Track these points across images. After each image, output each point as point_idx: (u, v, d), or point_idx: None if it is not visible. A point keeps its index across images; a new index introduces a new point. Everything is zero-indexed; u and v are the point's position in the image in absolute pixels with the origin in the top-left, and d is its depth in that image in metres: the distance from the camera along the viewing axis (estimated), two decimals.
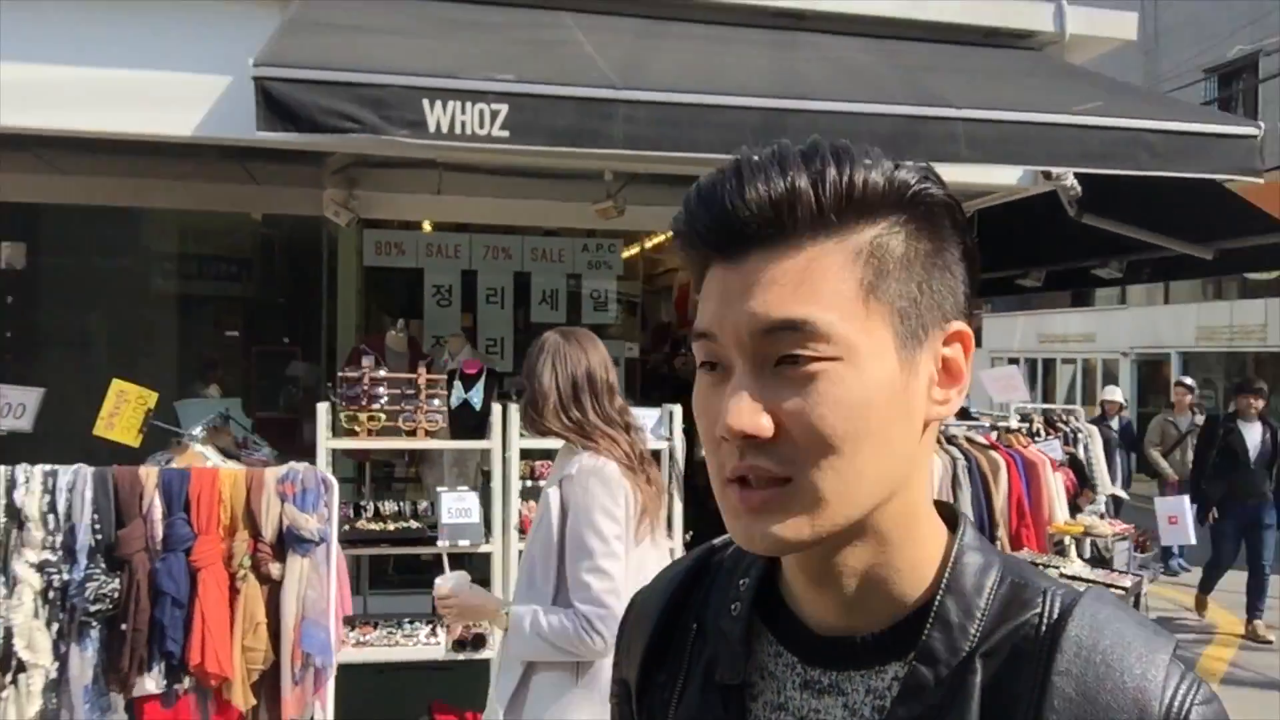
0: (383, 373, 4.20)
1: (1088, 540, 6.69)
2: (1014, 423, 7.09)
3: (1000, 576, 0.79)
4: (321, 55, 3.84)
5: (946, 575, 0.78)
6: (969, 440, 6.78)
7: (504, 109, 3.79)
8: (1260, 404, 8.00)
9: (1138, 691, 0.71)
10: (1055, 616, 0.75)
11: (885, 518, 0.77)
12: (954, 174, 4.46)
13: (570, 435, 2.70)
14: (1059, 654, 0.73)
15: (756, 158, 0.74)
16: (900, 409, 0.74)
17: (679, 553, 3.46)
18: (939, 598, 0.77)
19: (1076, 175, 4.81)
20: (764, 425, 0.72)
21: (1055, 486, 6.74)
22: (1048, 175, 4.89)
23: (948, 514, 0.84)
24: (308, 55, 3.81)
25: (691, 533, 4.43)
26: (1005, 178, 5.07)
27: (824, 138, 0.76)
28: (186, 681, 3.42)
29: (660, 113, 3.90)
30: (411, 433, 4.15)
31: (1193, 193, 5.49)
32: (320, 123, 3.68)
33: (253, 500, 3.45)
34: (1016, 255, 8.75)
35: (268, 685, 3.45)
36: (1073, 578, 5.76)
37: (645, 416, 4.40)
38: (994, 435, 6.80)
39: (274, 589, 3.45)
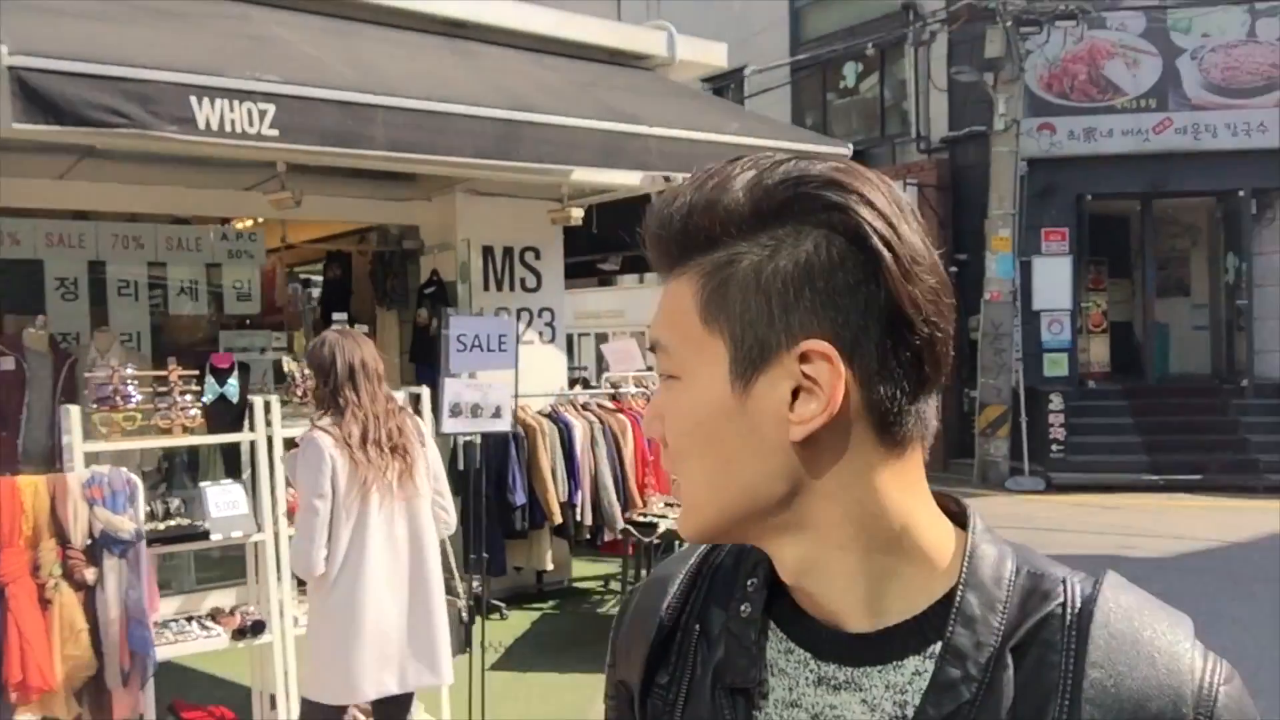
0: (130, 370, 4.10)
1: None
2: (631, 389, 8.21)
3: (1016, 567, 0.78)
4: (76, 45, 3.70)
5: (964, 569, 0.77)
6: (600, 406, 7.79)
7: (271, 109, 3.95)
8: None
9: (1169, 675, 0.72)
10: (1079, 606, 0.75)
11: (828, 522, 0.76)
12: (587, 175, 5.31)
13: (319, 412, 3.38)
14: (1090, 644, 0.73)
15: (663, 190, 0.84)
16: (738, 427, 0.75)
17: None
18: (960, 592, 0.76)
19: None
20: (655, 428, 0.80)
21: None
22: (668, 179, 5.93)
23: (955, 509, 0.83)
24: (63, 45, 3.66)
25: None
26: (628, 179, 6.03)
27: (741, 156, 0.78)
28: None
29: (417, 119, 4.29)
30: (168, 430, 4.11)
31: None
32: (85, 116, 3.60)
33: (58, 507, 3.34)
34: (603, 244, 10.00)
35: (90, 691, 3.38)
36: None
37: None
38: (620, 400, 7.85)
39: (89, 594, 3.38)
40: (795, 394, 0.73)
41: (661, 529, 6.15)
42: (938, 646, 0.75)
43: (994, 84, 13.16)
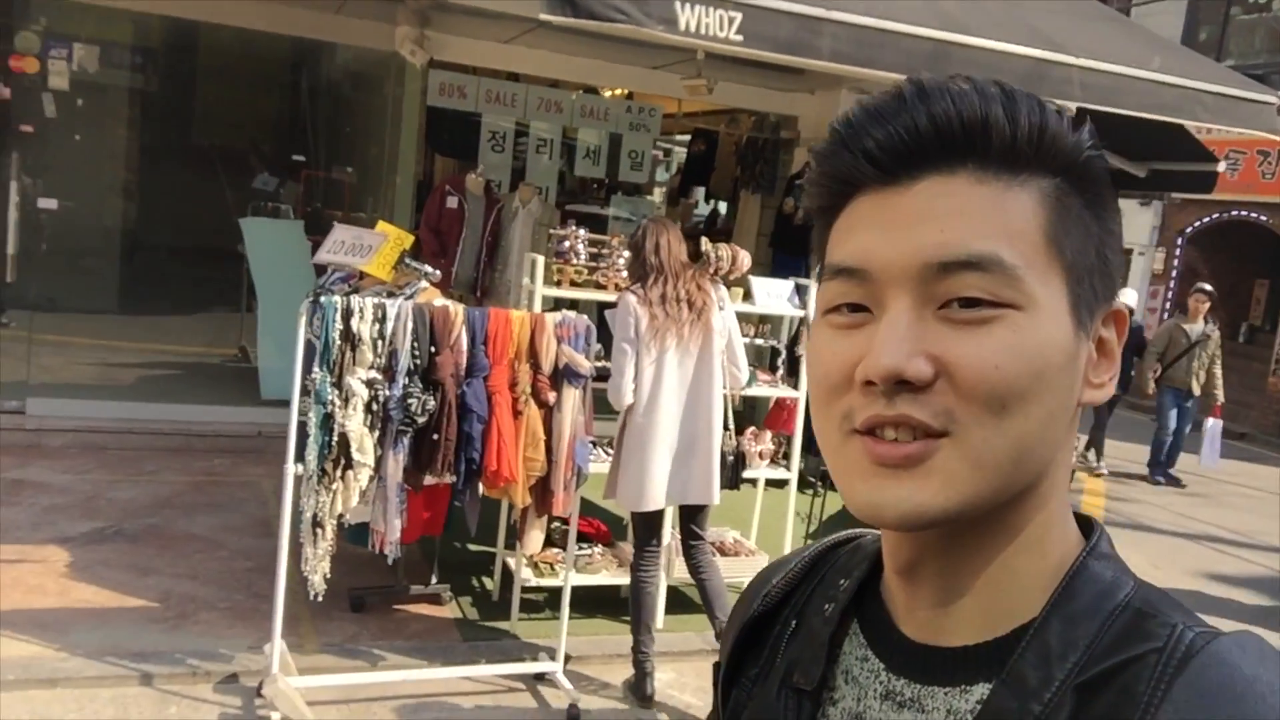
0: (583, 231, 4.82)
1: None
2: None
3: (1125, 602, 0.66)
4: None
5: (1058, 590, 0.67)
6: None
7: (739, 16, 4.40)
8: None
9: None
10: (1180, 655, 0.61)
11: (1024, 508, 0.68)
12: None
13: (630, 281, 4.25)
14: (1168, 702, 0.59)
15: (943, 81, 0.67)
16: (1070, 377, 0.66)
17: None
18: (1044, 615, 0.66)
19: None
20: (924, 368, 0.63)
21: None
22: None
23: (1084, 525, 0.73)
24: None
25: None
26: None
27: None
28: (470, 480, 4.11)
29: (858, 34, 4.60)
30: (604, 287, 4.82)
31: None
32: (596, 12, 4.20)
33: (536, 339, 4.10)
34: None
35: (538, 489, 4.20)
36: None
37: (778, 287, 5.26)
38: None
39: (548, 413, 4.16)
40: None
41: None
42: None
43: None
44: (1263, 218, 14.47)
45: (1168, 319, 10.97)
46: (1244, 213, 14.71)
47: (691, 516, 4.33)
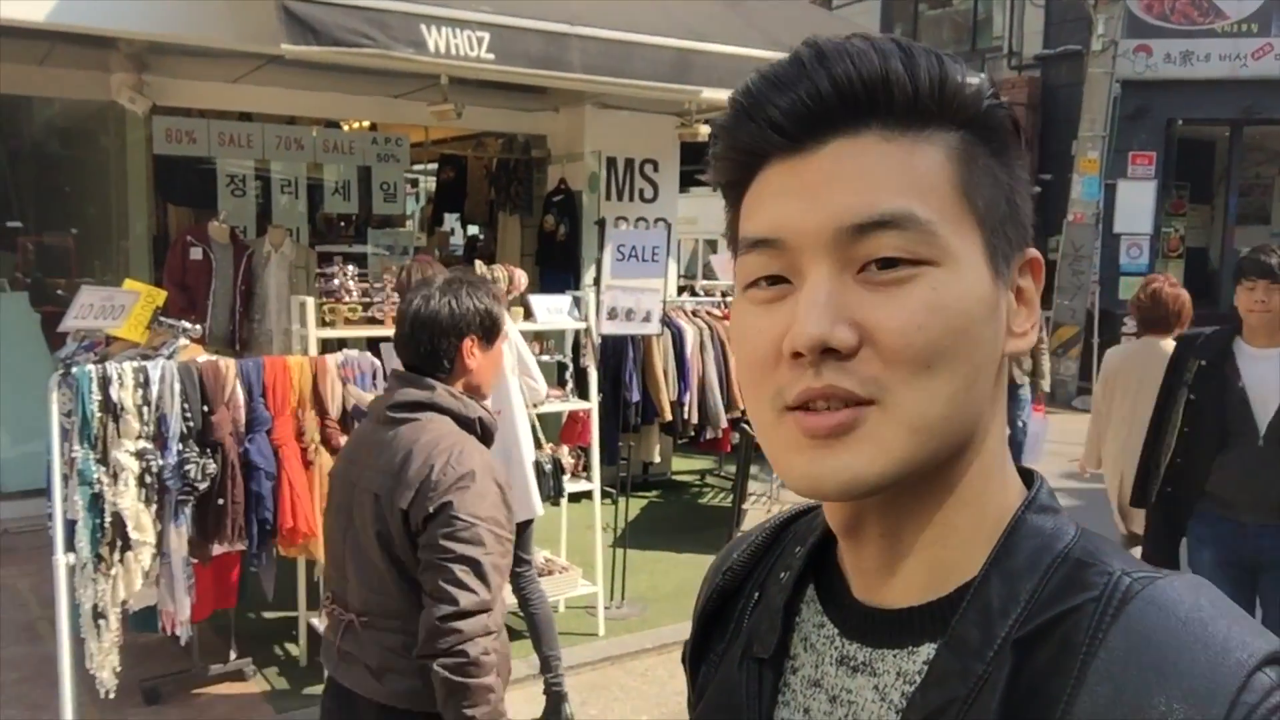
0: (352, 268, 4.63)
1: None
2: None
3: (1065, 553, 0.64)
4: None
5: (998, 546, 0.65)
6: (709, 313, 8.28)
7: (487, 36, 4.38)
8: None
9: (1190, 699, 0.55)
10: (1116, 602, 0.60)
11: (959, 464, 0.66)
12: (715, 93, 5.66)
13: None
14: (1104, 649, 0.58)
15: (840, 42, 0.65)
16: (993, 329, 0.65)
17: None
18: (983, 572, 0.64)
19: None
20: (847, 335, 0.61)
21: None
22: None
23: (1025, 477, 0.71)
24: None
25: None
26: None
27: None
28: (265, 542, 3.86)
29: (605, 47, 4.69)
30: (382, 322, 4.66)
31: None
32: (340, 39, 4.08)
33: (319, 383, 3.91)
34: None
35: None
36: None
37: (556, 302, 5.27)
38: (727, 309, 8.34)
39: None
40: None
41: None
42: None
43: (1094, 3, 13.09)
44: None
45: None
46: None
47: (516, 539, 4.21)
